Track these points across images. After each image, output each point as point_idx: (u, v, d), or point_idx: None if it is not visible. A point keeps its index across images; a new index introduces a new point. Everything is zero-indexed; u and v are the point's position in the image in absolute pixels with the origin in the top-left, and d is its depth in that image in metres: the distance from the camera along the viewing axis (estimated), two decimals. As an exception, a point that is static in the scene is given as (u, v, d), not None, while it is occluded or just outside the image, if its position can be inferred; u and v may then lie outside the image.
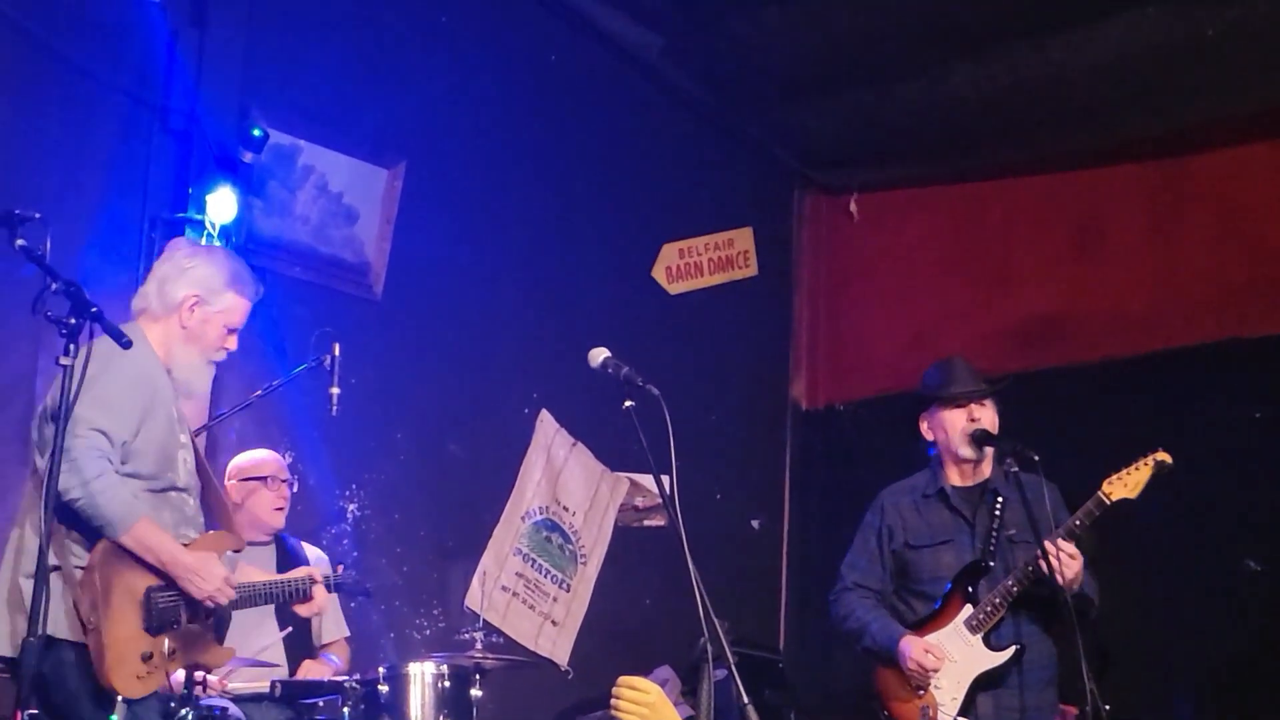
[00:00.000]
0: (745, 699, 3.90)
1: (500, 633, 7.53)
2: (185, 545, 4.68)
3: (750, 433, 9.21)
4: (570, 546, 8.16)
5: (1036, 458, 5.96)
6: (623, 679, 3.52)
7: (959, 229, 9.01)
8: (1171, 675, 7.23)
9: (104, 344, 4.32)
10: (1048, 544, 5.29)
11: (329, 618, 6.44)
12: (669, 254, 8.95)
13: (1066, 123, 8.13)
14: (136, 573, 4.54)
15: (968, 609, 5.56)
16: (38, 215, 4.15)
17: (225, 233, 6.55)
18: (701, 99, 8.93)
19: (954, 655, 5.53)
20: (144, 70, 6.68)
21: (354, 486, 7.31)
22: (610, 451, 8.24)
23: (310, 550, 6.52)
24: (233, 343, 5.01)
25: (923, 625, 5.64)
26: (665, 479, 4.38)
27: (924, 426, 5.88)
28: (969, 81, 7.99)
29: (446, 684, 5.78)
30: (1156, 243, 8.11)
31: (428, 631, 7.46)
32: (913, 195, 9.28)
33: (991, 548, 5.59)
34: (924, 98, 8.23)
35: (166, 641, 4.57)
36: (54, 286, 4.16)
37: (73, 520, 4.48)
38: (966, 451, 5.71)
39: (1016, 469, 5.58)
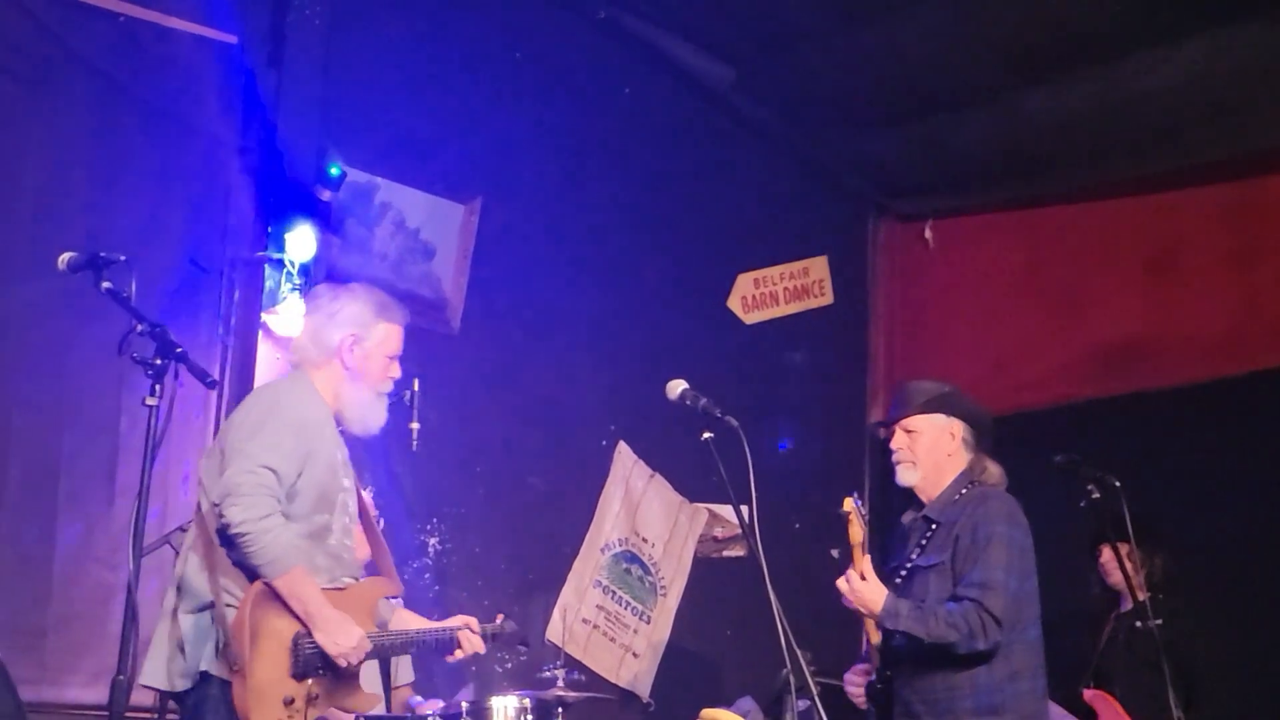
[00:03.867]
0: (829, 730, 3.89)
1: (582, 666, 7.52)
2: (341, 590, 4.72)
3: (828, 461, 9.18)
4: (650, 578, 8.16)
5: (1118, 484, 5.90)
6: (705, 711, 3.53)
7: (1035, 254, 8.96)
8: (1259, 701, 7.13)
9: (270, 389, 4.47)
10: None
11: (404, 660, 6.47)
12: (744, 284, 8.95)
13: (1141, 146, 8.06)
14: (286, 618, 4.56)
15: None
16: (123, 258, 4.21)
17: (305, 270, 6.61)
18: (775, 129, 8.94)
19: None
20: (223, 112, 6.77)
21: (434, 520, 7.35)
22: (688, 482, 8.23)
23: None
24: (396, 370, 5.03)
25: None
26: (745, 509, 4.39)
27: None
28: (1042, 107, 7.95)
29: (529, 718, 5.79)
30: (1235, 266, 8.03)
31: (509, 665, 7.47)
32: (987, 221, 9.24)
33: (898, 581, 5.32)
34: (998, 124, 8.20)
35: (309, 687, 4.59)
36: (139, 328, 4.21)
37: (231, 557, 4.52)
38: (898, 480, 5.48)
39: (966, 493, 5.33)
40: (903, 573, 5.37)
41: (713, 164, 8.81)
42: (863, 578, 5.13)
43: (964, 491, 5.37)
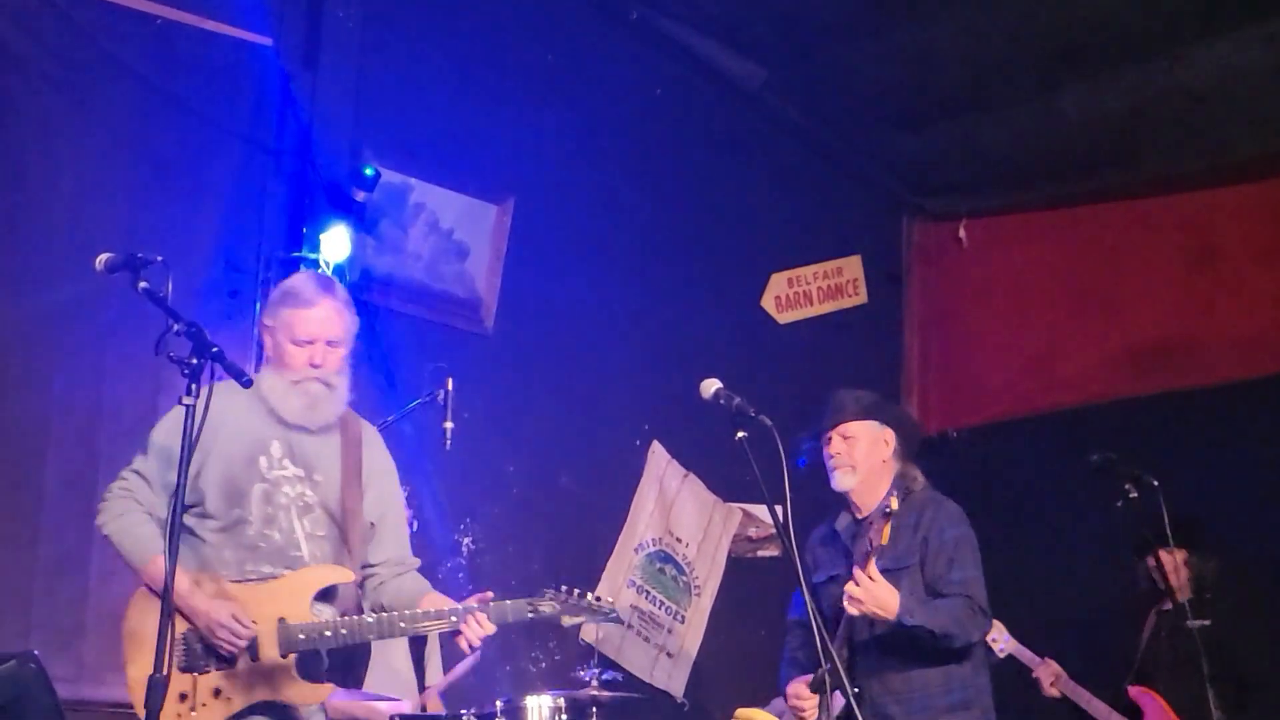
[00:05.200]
0: (864, 729, 3.87)
1: (615, 665, 7.52)
2: (260, 581, 4.54)
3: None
4: (684, 578, 8.16)
5: (1156, 483, 5.87)
6: (740, 711, 3.52)
7: (1070, 253, 8.92)
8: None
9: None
10: (856, 571, 5.07)
11: (435, 658, 6.47)
12: (778, 283, 8.94)
13: (1178, 143, 8.03)
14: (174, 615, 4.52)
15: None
16: (160, 258, 4.21)
17: (340, 271, 6.63)
18: (807, 129, 8.93)
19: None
20: (259, 114, 6.80)
21: (468, 520, 7.36)
22: (722, 482, 8.23)
23: None
24: (320, 357, 4.69)
25: None
26: (779, 509, 4.38)
27: None
28: (1078, 105, 7.93)
29: (564, 717, 5.80)
30: (1273, 263, 7.98)
31: (543, 664, 7.48)
32: (1022, 220, 9.20)
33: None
34: (1032, 122, 8.18)
35: (209, 681, 4.43)
36: (176, 328, 4.20)
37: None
38: (835, 485, 5.47)
39: (912, 495, 5.35)
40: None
41: (745, 163, 8.80)
42: (871, 579, 5.13)
43: (904, 497, 5.40)
